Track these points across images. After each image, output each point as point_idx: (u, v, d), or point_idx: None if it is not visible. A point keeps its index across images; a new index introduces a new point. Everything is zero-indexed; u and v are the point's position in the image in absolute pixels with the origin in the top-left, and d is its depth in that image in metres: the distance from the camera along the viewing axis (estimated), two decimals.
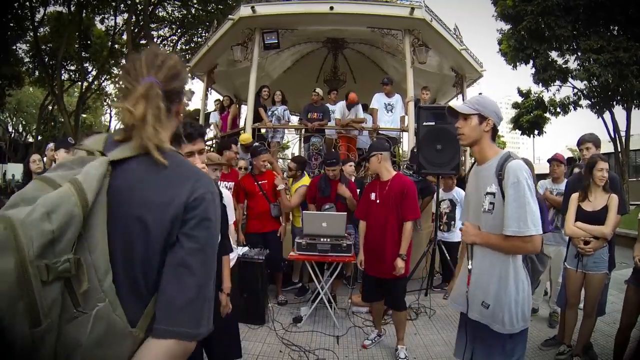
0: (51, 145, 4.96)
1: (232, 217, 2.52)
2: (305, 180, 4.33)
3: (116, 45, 18.65)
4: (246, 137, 5.28)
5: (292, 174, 4.37)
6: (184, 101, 0.96)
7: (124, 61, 18.43)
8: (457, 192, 4.67)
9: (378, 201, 2.97)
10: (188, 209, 0.79)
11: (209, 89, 8.11)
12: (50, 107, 22.84)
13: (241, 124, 6.93)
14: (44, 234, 0.63)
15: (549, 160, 3.98)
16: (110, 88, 22.67)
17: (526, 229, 1.53)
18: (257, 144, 4.91)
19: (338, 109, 6.08)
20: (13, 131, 31.57)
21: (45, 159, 4.80)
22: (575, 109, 14.59)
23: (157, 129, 0.81)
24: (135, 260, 0.75)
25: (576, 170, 3.91)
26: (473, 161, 1.88)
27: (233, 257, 2.50)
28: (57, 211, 0.64)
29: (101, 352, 0.69)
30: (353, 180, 4.49)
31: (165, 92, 0.86)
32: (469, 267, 1.75)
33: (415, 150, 5.29)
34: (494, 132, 1.74)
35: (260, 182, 4.08)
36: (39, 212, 0.64)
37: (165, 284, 0.76)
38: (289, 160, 6.85)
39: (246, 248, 3.72)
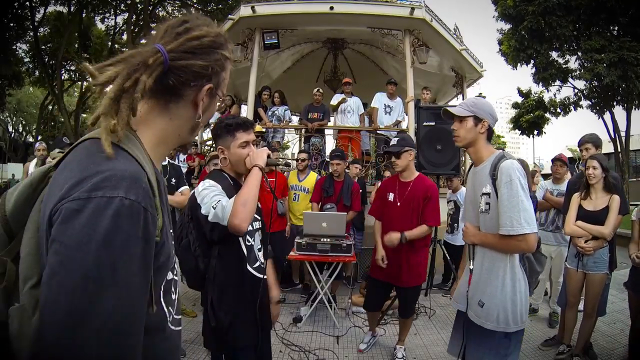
0: (39, 145, 4.93)
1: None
2: (313, 174, 4.56)
3: (116, 45, 18.65)
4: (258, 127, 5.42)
5: (305, 164, 4.52)
6: (205, 89, 0.74)
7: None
8: (461, 194, 4.66)
9: (399, 203, 2.76)
10: (52, 220, 0.59)
11: None
12: (50, 107, 22.85)
13: None
14: None
15: (553, 160, 3.95)
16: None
17: (520, 227, 1.53)
18: (263, 142, 4.97)
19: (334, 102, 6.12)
20: (13, 131, 31.61)
21: (35, 159, 4.77)
22: (575, 109, 14.60)
23: (117, 109, 0.63)
24: None
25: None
26: (471, 162, 1.89)
27: None
28: None
29: (18, 345, 0.65)
30: (356, 180, 4.51)
31: (172, 67, 0.69)
32: (470, 267, 1.76)
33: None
34: (490, 133, 1.75)
35: (268, 179, 4.17)
36: None
37: None
38: (289, 160, 6.85)
39: None
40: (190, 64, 0.70)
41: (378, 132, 6.02)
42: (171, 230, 0.81)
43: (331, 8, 5.70)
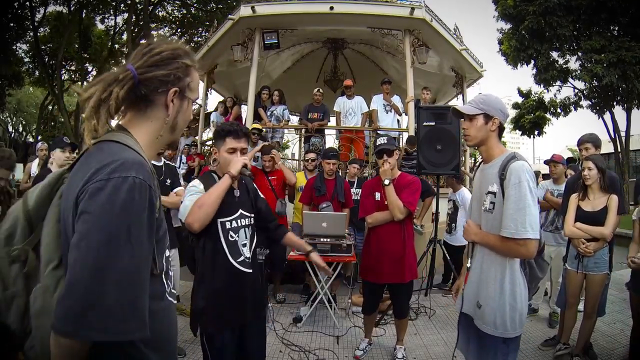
0: (41, 145, 4.97)
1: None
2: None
3: (116, 45, 18.66)
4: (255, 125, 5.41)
5: (314, 164, 4.50)
6: (171, 93, 0.90)
7: (124, 62, 18.42)
8: (460, 194, 4.66)
9: (386, 202, 2.79)
10: (78, 201, 0.76)
11: (209, 89, 8.11)
12: (50, 107, 22.84)
13: None
14: (2, 231, 0.87)
15: (546, 162, 3.98)
16: None
17: (524, 231, 1.48)
18: (266, 143, 4.95)
19: (337, 106, 6.15)
20: (13, 131, 31.59)
21: (37, 159, 4.78)
22: (575, 109, 14.61)
23: (97, 114, 0.81)
24: None
25: (569, 171, 3.92)
26: (478, 160, 1.88)
27: None
28: (9, 216, 0.88)
29: (39, 322, 0.79)
30: (356, 180, 4.50)
31: (142, 80, 0.86)
32: (468, 265, 1.75)
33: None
34: (500, 130, 1.70)
35: (270, 178, 4.21)
36: (6, 217, 0.88)
37: None
38: (289, 160, 6.84)
39: None
40: (154, 74, 0.88)
41: (378, 132, 6.02)
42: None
43: (331, 8, 5.70)
